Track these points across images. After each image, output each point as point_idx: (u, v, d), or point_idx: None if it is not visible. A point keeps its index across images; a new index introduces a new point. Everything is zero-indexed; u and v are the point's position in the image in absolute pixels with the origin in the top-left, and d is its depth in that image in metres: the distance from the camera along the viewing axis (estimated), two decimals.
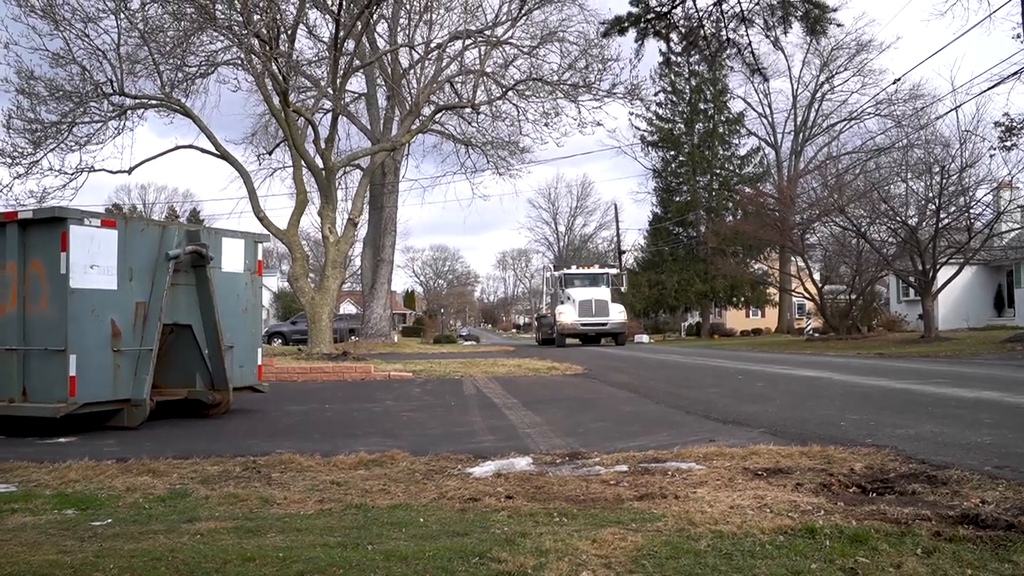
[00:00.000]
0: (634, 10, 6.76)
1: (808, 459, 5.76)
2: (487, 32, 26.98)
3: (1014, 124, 28.10)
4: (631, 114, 53.47)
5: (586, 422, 8.87)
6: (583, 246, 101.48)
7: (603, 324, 38.40)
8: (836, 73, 53.20)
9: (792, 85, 54.61)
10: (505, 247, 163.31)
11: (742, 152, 54.24)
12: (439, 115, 29.88)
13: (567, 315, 38.32)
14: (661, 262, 52.99)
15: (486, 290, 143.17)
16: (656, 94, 51.66)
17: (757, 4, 6.89)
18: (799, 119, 54.70)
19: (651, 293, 51.69)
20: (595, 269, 44.78)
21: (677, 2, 6.25)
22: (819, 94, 54.02)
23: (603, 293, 39.62)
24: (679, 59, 44.87)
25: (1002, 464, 5.43)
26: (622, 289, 42.76)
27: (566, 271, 43.94)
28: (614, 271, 44.74)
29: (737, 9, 6.62)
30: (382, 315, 39.86)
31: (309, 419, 9.90)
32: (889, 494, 4.74)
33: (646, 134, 53.53)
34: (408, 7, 29.31)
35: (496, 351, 32.85)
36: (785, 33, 7.65)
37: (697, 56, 7.50)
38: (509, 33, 26.62)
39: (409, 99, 29.44)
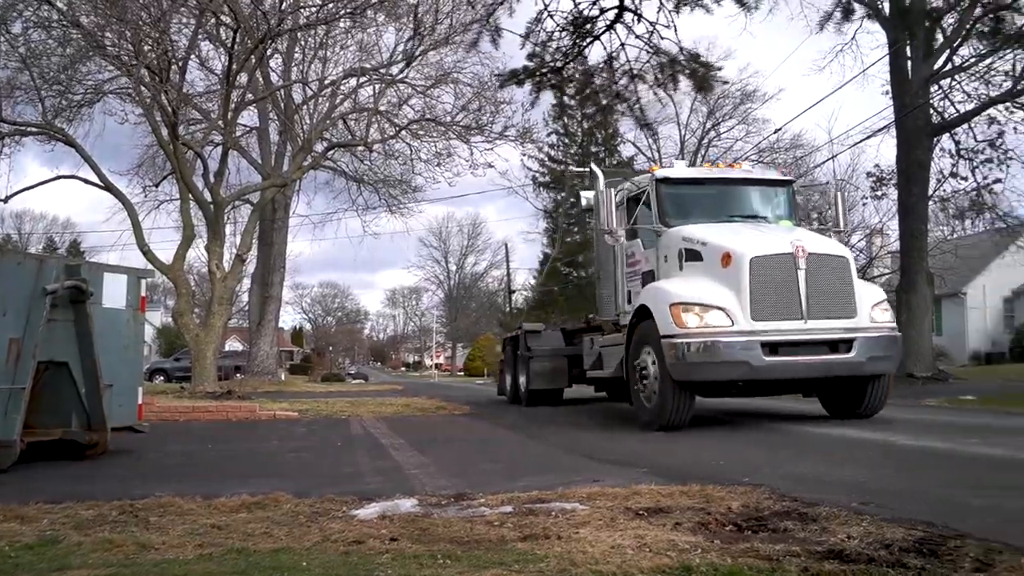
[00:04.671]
0: (530, 64, 6.99)
1: (688, 498, 5.91)
2: (382, 71, 27.10)
3: (884, 175, 29.72)
4: (523, 155, 54.12)
5: (474, 463, 8.90)
6: (474, 284, 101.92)
7: (843, 341, 11.12)
8: (722, 121, 55.09)
9: (680, 131, 56.22)
10: (396, 285, 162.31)
11: None
12: (331, 152, 29.77)
13: (712, 313, 10.95)
14: (551, 302, 53.46)
15: (376, 328, 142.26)
16: (548, 135, 52.51)
17: (648, 62, 7.20)
18: (687, 164, 56.32)
19: None
20: (756, 171, 16.66)
21: (570, 58, 6.50)
22: (706, 140, 55.79)
23: (822, 242, 11.98)
24: (572, 103, 44.62)
25: (868, 500, 5.68)
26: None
27: (667, 173, 13.49)
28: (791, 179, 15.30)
29: (628, 67, 6.91)
30: (269, 352, 39.14)
31: (191, 460, 9.66)
32: (763, 531, 4.91)
33: (538, 175, 54.32)
34: (303, 43, 29.23)
35: (385, 390, 32.61)
36: (674, 90, 7.99)
37: (591, 109, 7.76)
38: (404, 73, 26.81)
39: (302, 135, 29.24)
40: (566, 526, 5.07)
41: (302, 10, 23.86)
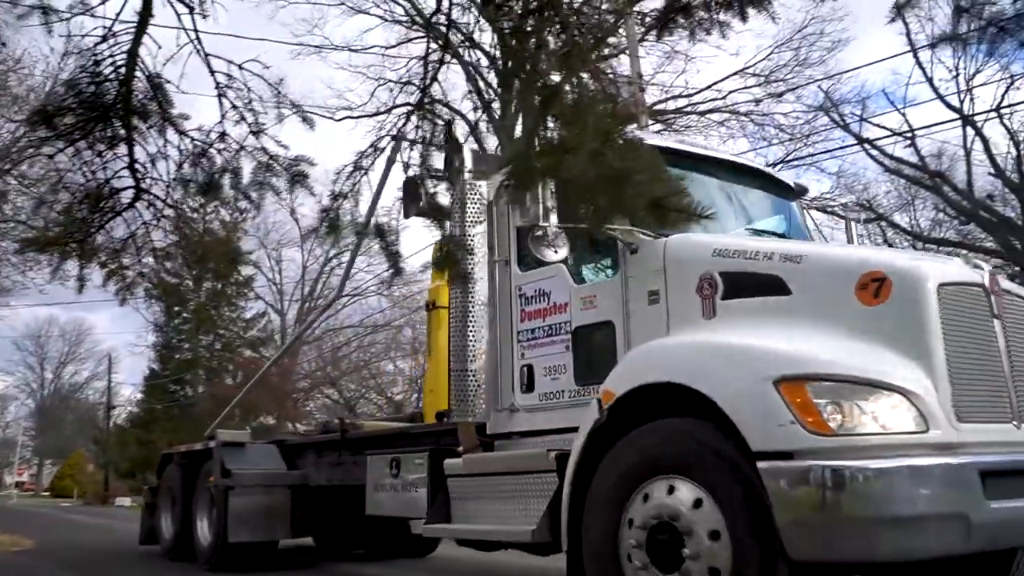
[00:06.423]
0: (51, 231, 6.89)
1: None
2: None
3: None
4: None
5: None
6: (72, 396, 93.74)
7: None
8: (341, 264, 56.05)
9: (303, 257, 56.53)
10: None
11: (248, 315, 54.49)
12: None
13: (883, 401, 4.42)
14: (153, 420, 50.65)
15: None
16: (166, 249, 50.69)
17: (177, 243, 7.41)
18: (307, 290, 56.48)
19: (140, 452, 48.85)
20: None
21: (93, 231, 6.49)
22: (328, 267, 56.52)
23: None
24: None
25: None
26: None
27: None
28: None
29: (152, 247, 7.00)
30: None
31: None
32: None
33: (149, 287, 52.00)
34: None
35: None
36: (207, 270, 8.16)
37: (118, 286, 7.57)
38: None
39: None
40: None
41: None
